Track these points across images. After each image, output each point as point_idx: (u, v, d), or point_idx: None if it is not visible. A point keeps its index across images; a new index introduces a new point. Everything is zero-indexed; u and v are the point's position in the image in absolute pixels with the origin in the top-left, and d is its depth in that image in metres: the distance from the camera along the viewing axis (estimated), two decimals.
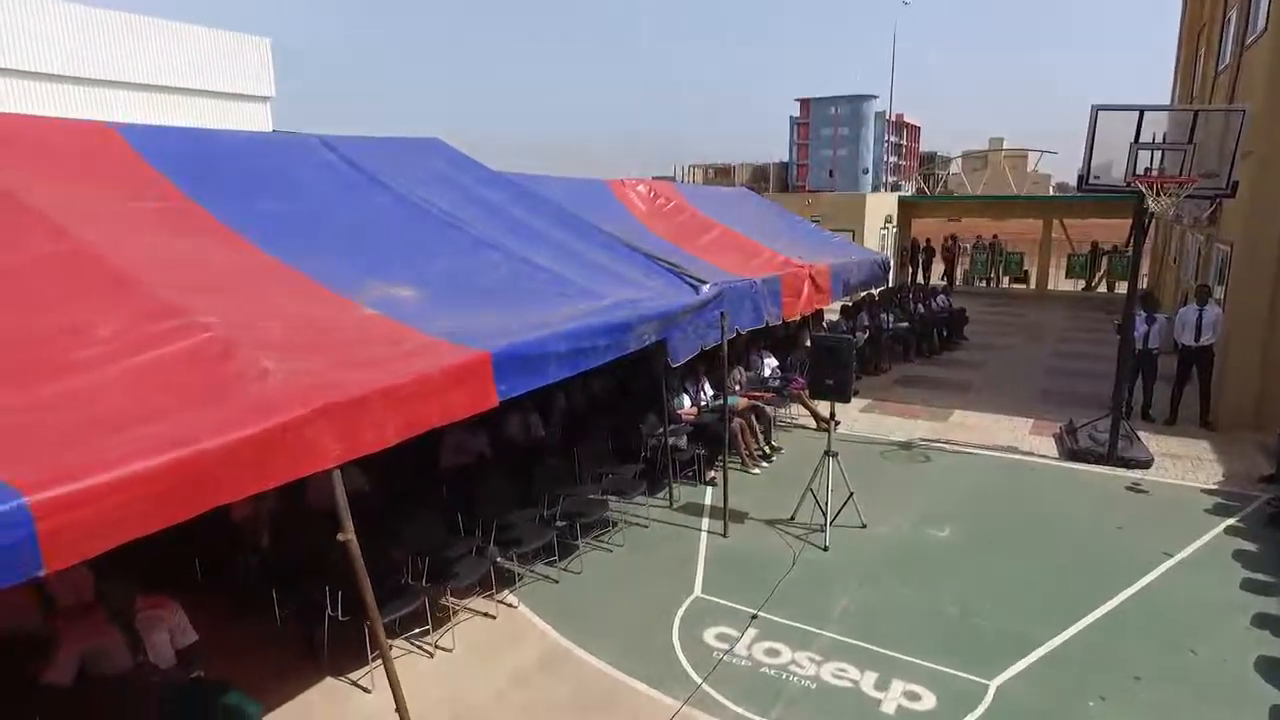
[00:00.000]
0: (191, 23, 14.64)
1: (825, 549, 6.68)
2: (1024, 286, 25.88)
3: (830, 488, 6.87)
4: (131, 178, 4.58)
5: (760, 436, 9.03)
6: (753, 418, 8.95)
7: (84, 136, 4.67)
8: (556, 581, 6.23)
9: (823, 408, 9.12)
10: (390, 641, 4.97)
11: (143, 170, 4.67)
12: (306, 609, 5.13)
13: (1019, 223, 27.51)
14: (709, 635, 5.43)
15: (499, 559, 6.02)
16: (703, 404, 8.86)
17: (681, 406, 8.57)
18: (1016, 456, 9.19)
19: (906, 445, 9.61)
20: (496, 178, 7.04)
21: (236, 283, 3.98)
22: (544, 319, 4.70)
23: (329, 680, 4.95)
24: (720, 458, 7.56)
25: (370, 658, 4.86)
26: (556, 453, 7.23)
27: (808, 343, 11.55)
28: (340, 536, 3.38)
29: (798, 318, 10.92)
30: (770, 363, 10.69)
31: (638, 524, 7.28)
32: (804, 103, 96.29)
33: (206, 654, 4.17)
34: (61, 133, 4.62)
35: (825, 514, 6.84)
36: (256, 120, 15.60)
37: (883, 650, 5.19)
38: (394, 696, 3.82)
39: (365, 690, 4.84)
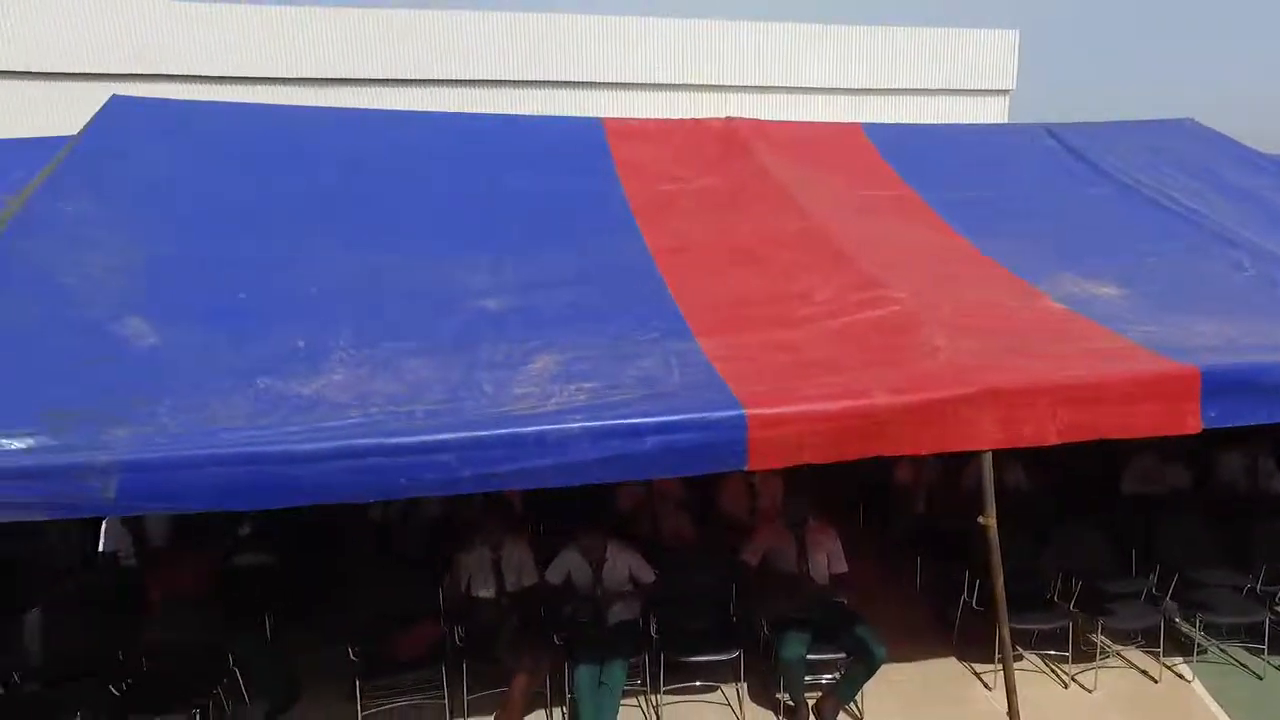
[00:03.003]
0: (946, 25, 15.75)
1: None
2: None
3: None
4: (867, 169, 5.37)
5: None
6: None
7: (836, 136, 5.67)
8: (1260, 677, 4.87)
9: None
10: (1022, 651, 4.77)
11: (876, 163, 5.42)
12: (945, 585, 5.30)
13: None
14: None
15: (1176, 617, 5.04)
16: None
17: None
18: None
19: None
20: (1260, 160, 5.62)
21: (930, 263, 4.31)
22: None
23: (953, 660, 5.03)
24: None
25: (995, 658, 4.75)
26: None
27: None
28: (981, 520, 3.40)
29: None
30: None
31: None
32: None
33: (852, 588, 4.75)
34: (820, 133, 5.72)
35: None
36: (991, 113, 15.90)
37: None
38: (1009, 707, 3.70)
39: (986, 686, 4.77)
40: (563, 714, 4.45)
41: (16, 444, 2.63)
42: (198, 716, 3.95)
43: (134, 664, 4.29)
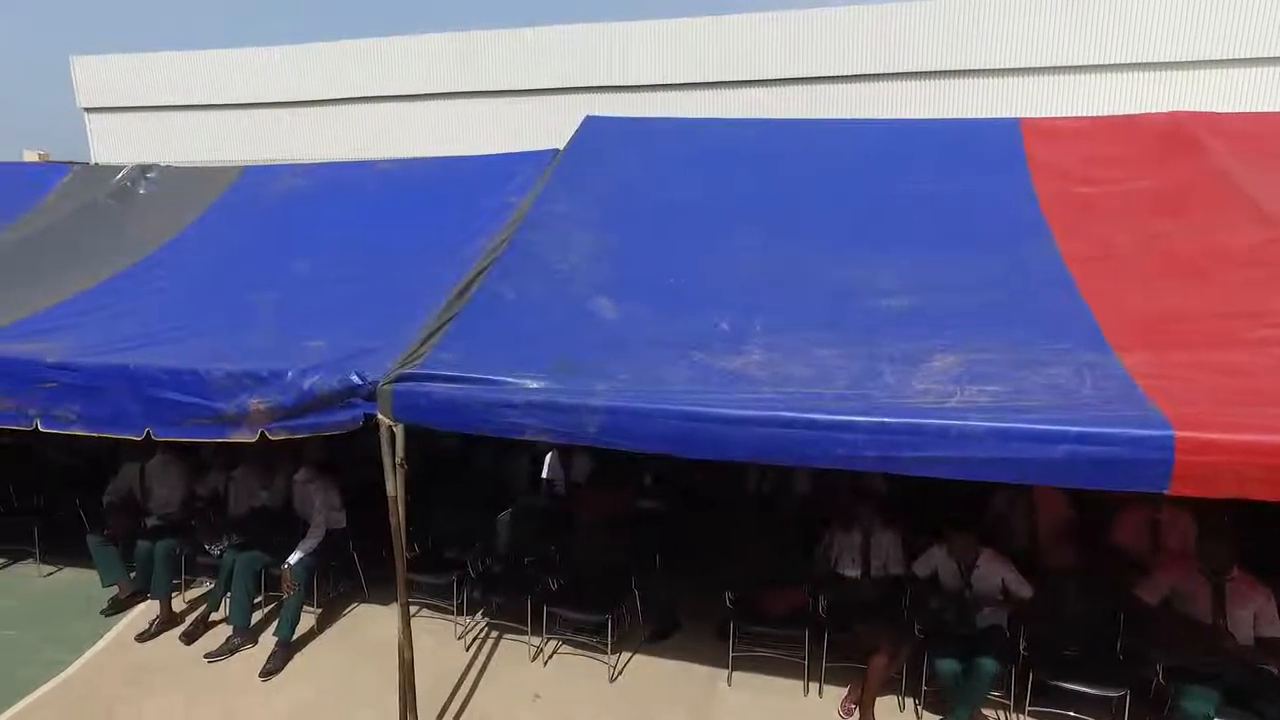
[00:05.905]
0: None
1: None
2: None
3: None
4: None
5: None
6: None
7: None
8: None
9: None
10: None
11: None
12: None
13: None
14: None
15: None
16: None
17: None
18: None
19: None
20: None
21: None
22: None
23: None
24: None
25: None
26: None
27: None
28: None
29: None
30: None
31: None
32: None
33: None
34: None
35: None
36: None
37: None
38: None
39: None
40: (915, 704, 4.56)
41: (536, 384, 3.58)
42: (608, 621, 4.89)
43: (564, 568, 5.43)
